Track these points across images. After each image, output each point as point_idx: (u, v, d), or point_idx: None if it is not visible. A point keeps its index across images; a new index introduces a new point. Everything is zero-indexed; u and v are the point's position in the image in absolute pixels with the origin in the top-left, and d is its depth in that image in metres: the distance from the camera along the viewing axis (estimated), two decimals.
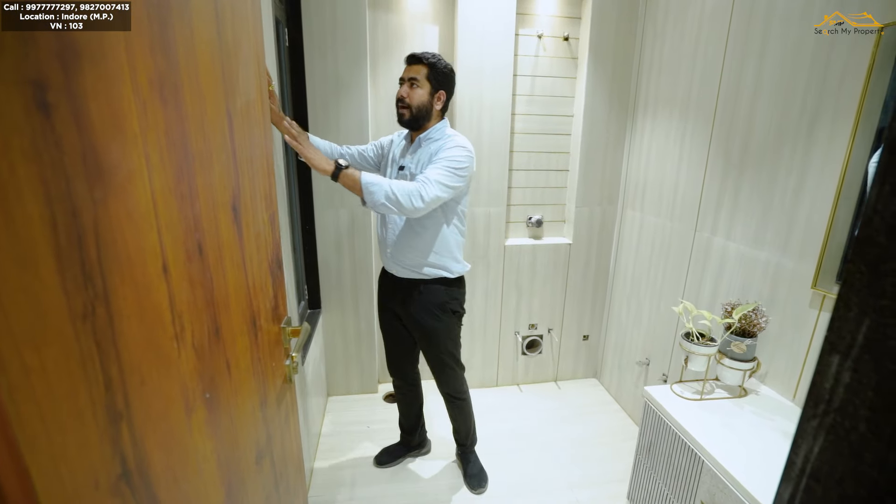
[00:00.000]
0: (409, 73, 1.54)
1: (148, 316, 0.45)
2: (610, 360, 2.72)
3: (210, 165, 0.61)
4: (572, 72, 2.45)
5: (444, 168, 1.48)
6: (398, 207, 1.42)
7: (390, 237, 1.68)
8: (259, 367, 0.82)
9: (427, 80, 1.53)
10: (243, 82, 0.76)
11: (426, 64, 1.52)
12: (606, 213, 2.59)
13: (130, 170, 0.42)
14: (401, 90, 1.55)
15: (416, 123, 1.57)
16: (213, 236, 0.62)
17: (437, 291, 1.69)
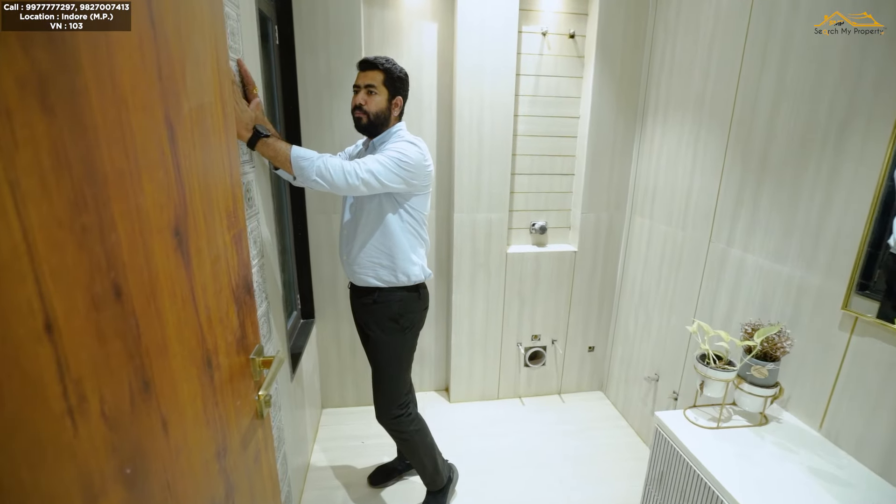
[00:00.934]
0: (364, 80, 1.47)
1: (12, 397, 0.34)
2: (616, 373, 2.60)
3: (137, 186, 0.50)
4: (578, 71, 2.32)
5: (384, 156, 1.42)
6: (330, 184, 1.35)
7: (343, 237, 1.63)
8: (216, 412, 0.71)
9: (384, 85, 1.48)
10: (193, 84, 0.65)
11: (381, 70, 1.46)
12: (614, 220, 2.46)
13: None
14: (357, 97, 1.49)
15: (373, 130, 1.52)
16: (141, 272, 0.51)
17: (390, 301, 1.59)
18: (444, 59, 2.24)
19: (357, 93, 1.49)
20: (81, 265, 0.41)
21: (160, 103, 0.55)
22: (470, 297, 2.45)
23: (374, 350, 1.66)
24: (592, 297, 2.58)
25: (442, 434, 2.32)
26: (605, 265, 2.54)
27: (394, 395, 1.65)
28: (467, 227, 2.34)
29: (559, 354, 2.65)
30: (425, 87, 2.26)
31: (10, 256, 0.34)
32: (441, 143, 2.35)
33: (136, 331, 0.50)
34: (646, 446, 2.29)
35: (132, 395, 0.49)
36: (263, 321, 1.44)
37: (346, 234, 1.61)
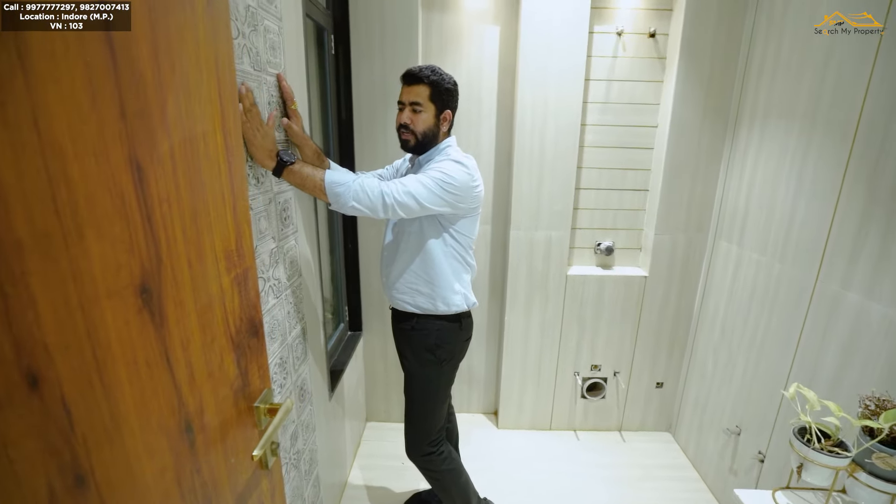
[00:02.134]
0: (409, 96, 1.34)
1: None
2: (689, 415, 2.28)
3: (75, 249, 0.42)
4: (658, 74, 2.06)
5: (427, 176, 1.29)
6: (368, 209, 1.24)
7: (384, 258, 1.53)
8: (198, 479, 0.63)
9: (430, 101, 1.34)
10: (180, 116, 0.57)
11: (427, 83, 1.32)
12: (693, 244, 2.16)
13: None
14: (402, 116, 1.36)
15: (422, 149, 1.41)
16: (76, 348, 0.43)
17: (429, 330, 1.47)
18: (505, 64, 2.09)
19: (402, 110, 1.37)
20: None
21: (122, 145, 0.48)
22: (524, 320, 2.28)
23: (408, 381, 1.56)
24: (663, 328, 2.29)
25: (487, 463, 2.18)
26: (681, 294, 2.24)
27: (425, 431, 1.54)
28: (524, 246, 2.17)
29: (621, 388, 2.39)
30: (485, 94, 2.13)
31: None
32: (500, 153, 2.20)
33: (65, 421, 0.42)
34: None
35: (53, 497, 0.41)
36: (297, 343, 1.39)
37: (387, 256, 1.51)
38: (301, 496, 1.46)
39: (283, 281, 1.27)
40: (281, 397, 1.26)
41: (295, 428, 1.39)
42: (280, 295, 1.25)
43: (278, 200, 1.23)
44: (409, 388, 1.56)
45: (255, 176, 1.10)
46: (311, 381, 1.52)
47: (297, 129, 1.25)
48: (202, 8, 0.61)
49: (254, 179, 1.08)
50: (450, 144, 1.43)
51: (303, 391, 1.45)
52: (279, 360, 1.25)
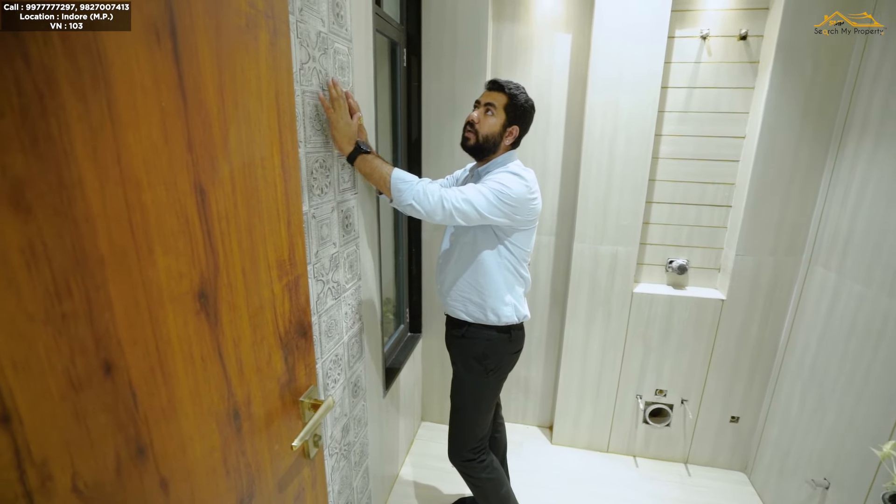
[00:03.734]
0: (486, 98, 1.39)
1: None
2: (768, 457, 2.06)
3: (146, 261, 0.52)
4: (749, 80, 1.88)
5: (485, 186, 1.32)
6: (426, 210, 1.30)
7: (439, 265, 1.58)
8: (243, 460, 0.72)
9: (504, 110, 1.37)
10: (241, 143, 0.66)
11: (507, 94, 1.37)
12: (782, 267, 1.95)
13: None
14: (473, 113, 1.41)
15: (479, 153, 1.42)
16: (143, 343, 0.52)
17: (479, 339, 1.48)
18: (576, 73, 2.04)
19: (475, 108, 1.43)
20: (57, 352, 0.43)
21: (187, 173, 0.57)
22: (584, 336, 2.21)
23: (455, 386, 1.59)
24: (742, 358, 2.09)
25: (538, 478, 2.15)
26: (765, 322, 2.02)
27: (468, 438, 1.56)
28: (588, 259, 2.10)
29: (689, 417, 2.21)
30: (553, 104, 2.10)
31: None
32: (567, 164, 2.16)
33: (130, 401, 0.51)
34: None
35: (119, 463, 0.51)
36: (354, 342, 1.49)
37: (442, 263, 1.56)
38: (349, 485, 1.56)
39: (343, 284, 1.37)
40: (335, 392, 1.36)
41: (346, 421, 1.49)
42: (338, 297, 1.35)
43: (341, 209, 1.33)
44: (455, 394, 1.60)
45: (320, 187, 1.20)
46: (365, 378, 1.62)
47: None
48: (266, 49, 0.70)
49: (318, 190, 1.19)
50: (511, 159, 1.44)
51: (357, 387, 1.55)
52: (335, 356, 1.35)
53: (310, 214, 1.14)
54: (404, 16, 1.96)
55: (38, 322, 0.41)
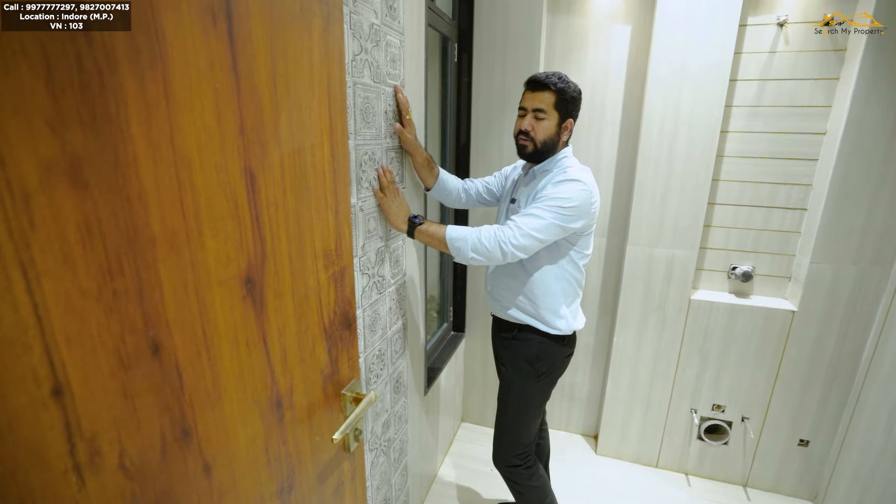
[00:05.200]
0: (533, 102, 1.29)
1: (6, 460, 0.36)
2: (844, 487, 1.86)
3: (195, 243, 0.52)
4: (833, 70, 1.71)
5: (543, 207, 1.25)
6: (488, 258, 1.25)
7: (488, 271, 1.52)
8: (283, 449, 0.72)
9: (555, 108, 1.28)
10: (291, 130, 0.65)
11: (554, 90, 1.26)
12: (866, 278, 1.75)
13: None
14: (523, 122, 1.31)
15: (539, 157, 1.35)
16: (190, 325, 0.52)
17: (531, 342, 1.42)
18: (634, 68, 1.94)
19: (523, 116, 1.32)
20: (109, 329, 0.43)
21: (238, 157, 0.56)
22: (635, 344, 2.09)
23: (503, 389, 1.54)
24: (815, 376, 1.90)
25: (581, 490, 2.06)
26: (843, 338, 1.83)
27: (515, 442, 1.51)
28: (642, 263, 1.99)
29: (750, 437, 2.04)
30: (609, 100, 2.00)
31: (13, 332, 0.36)
32: (621, 162, 2.05)
33: (177, 383, 0.52)
34: None
35: (164, 444, 0.51)
36: (397, 338, 1.48)
37: (494, 268, 1.48)
38: (388, 481, 1.55)
39: (388, 278, 1.36)
40: (377, 387, 1.36)
41: (387, 417, 1.48)
42: (383, 291, 1.34)
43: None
44: (503, 397, 1.54)
45: (368, 180, 1.19)
46: (407, 374, 1.61)
47: (409, 138, 1.33)
48: (318, 35, 0.69)
49: (366, 183, 1.18)
50: (566, 155, 1.36)
51: (398, 383, 1.54)
52: (378, 351, 1.34)
53: (357, 207, 1.14)
54: (456, 10, 1.94)
55: (91, 298, 0.41)
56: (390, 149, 1.30)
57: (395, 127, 1.29)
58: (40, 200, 0.37)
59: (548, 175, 1.33)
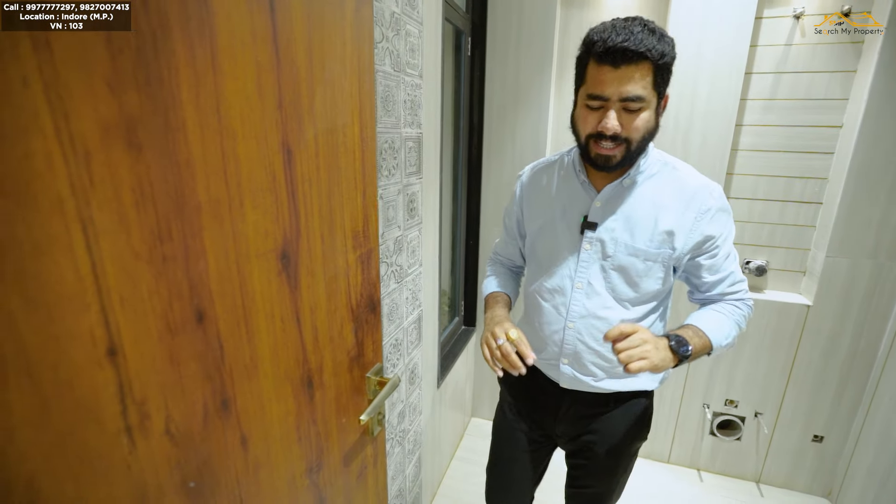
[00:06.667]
0: (620, 86, 0.80)
1: (62, 417, 0.37)
2: (859, 483, 1.85)
3: (236, 215, 0.52)
4: (850, 62, 1.70)
5: (732, 247, 0.98)
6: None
7: (572, 320, 1.01)
8: (313, 429, 0.72)
9: (653, 87, 0.81)
10: (325, 107, 0.65)
11: (652, 60, 0.78)
12: (883, 273, 1.74)
13: (39, 245, 0.34)
14: (607, 122, 0.82)
15: (629, 163, 0.91)
16: (231, 296, 0.53)
17: (640, 404, 1.09)
18: None
19: (597, 109, 0.84)
20: (158, 294, 0.44)
21: (277, 131, 0.57)
22: None
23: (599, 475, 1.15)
24: (830, 371, 1.89)
25: None
26: (859, 333, 1.82)
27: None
28: None
29: (764, 433, 2.03)
30: None
31: (73, 289, 0.36)
32: None
33: (218, 353, 0.52)
34: None
35: (206, 413, 0.51)
36: (413, 328, 1.48)
37: (575, 306, 1.01)
38: (402, 472, 1.55)
39: (405, 268, 1.36)
40: (392, 375, 1.36)
41: (403, 407, 1.48)
42: (401, 280, 1.34)
43: (407, 192, 1.32)
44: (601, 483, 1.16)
45: (388, 168, 1.20)
46: (422, 366, 1.61)
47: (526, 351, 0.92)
48: (351, 14, 0.70)
49: (386, 171, 1.19)
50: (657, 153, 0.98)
51: (413, 374, 1.54)
52: (395, 340, 1.35)
53: (377, 195, 1.14)
54: (470, 4, 1.94)
55: (142, 261, 0.42)
56: (408, 139, 1.30)
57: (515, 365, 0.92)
58: (99, 159, 0.37)
59: (647, 181, 0.94)
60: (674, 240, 0.93)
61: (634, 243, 0.94)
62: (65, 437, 0.37)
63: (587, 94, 0.84)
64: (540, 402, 1.15)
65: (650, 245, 0.93)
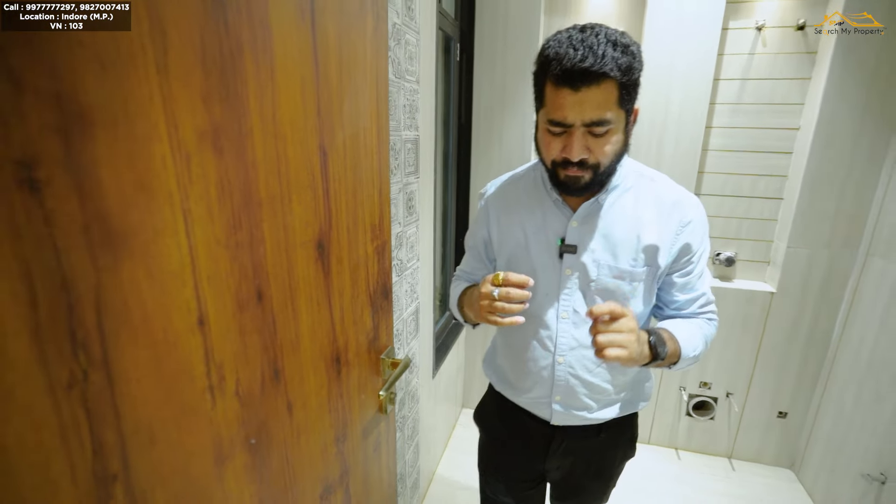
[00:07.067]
0: (583, 111, 0.72)
1: (168, 373, 0.44)
2: (818, 453, 2.02)
3: (286, 208, 0.60)
4: (805, 70, 1.87)
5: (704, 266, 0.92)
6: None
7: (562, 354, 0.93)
8: (340, 402, 0.80)
9: (619, 106, 0.74)
10: (351, 114, 0.74)
11: (616, 77, 0.70)
12: (837, 260, 1.91)
13: (157, 229, 0.41)
14: (572, 150, 0.76)
15: (599, 186, 0.85)
16: (282, 279, 0.61)
17: (630, 426, 1.08)
18: None
19: (559, 135, 0.77)
20: (232, 274, 0.51)
21: (316, 135, 0.65)
22: None
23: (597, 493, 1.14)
24: (792, 352, 2.06)
25: None
26: (817, 316, 1.99)
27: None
28: None
29: (734, 411, 2.19)
30: None
31: (177, 267, 0.44)
32: None
33: (272, 328, 0.60)
34: None
35: (263, 380, 0.59)
36: (412, 319, 1.57)
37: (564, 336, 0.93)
38: (402, 457, 1.64)
39: (404, 262, 1.45)
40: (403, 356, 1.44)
41: (402, 395, 1.56)
42: (401, 274, 1.42)
43: (406, 191, 1.41)
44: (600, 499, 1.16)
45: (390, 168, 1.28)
46: (419, 355, 1.70)
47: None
48: (371, 30, 0.78)
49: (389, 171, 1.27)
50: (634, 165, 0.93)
51: (412, 363, 1.63)
52: (396, 331, 1.43)
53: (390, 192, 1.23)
54: (458, 11, 2.03)
55: (222, 246, 0.50)
56: (407, 140, 1.38)
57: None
58: (196, 160, 0.45)
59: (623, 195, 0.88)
60: (657, 255, 0.86)
61: (618, 264, 0.87)
62: (170, 391, 0.45)
63: (547, 119, 0.77)
64: (530, 446, 1.08)
65: (635, 265, 0.87)
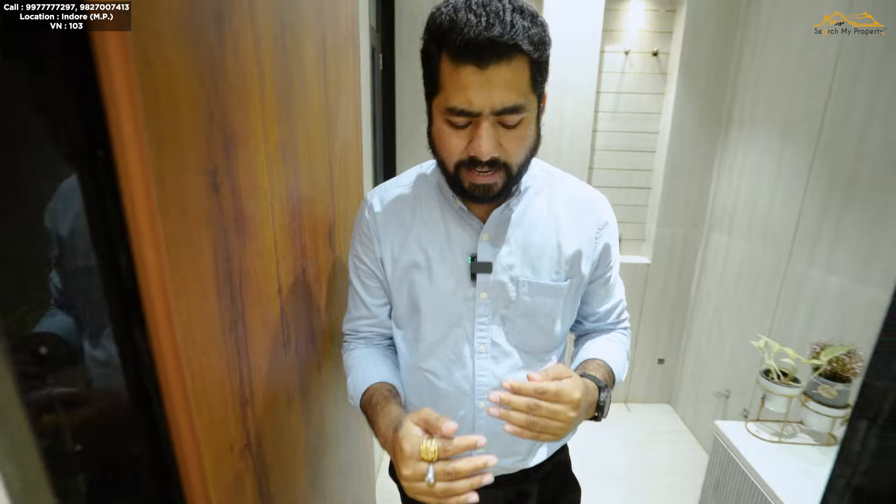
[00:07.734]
0: (492, 94, 0.58)
1: (268, 328, 0.59)
2: (686, 387, 2.59)
3: (314, 205, 0.76)
4: (660, 87, 2.38)
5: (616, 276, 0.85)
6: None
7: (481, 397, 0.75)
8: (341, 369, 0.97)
9: (531, 90, 0.63)
10: (342, 127, 0.91)
11: (527, 52, 0.59)
12: (690, 236, 2.47)
13: (260, 219, 0.57)
14: (481, 145, 0.60)
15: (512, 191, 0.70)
16: (314, 259, 0.76)
17: (563, 463, 0.97)
18: None
19: (465, 128, 0.62)
20: (292, 255, 0.67)
21: (327, 147, 0.81)
22: None
23: None
24: (664, 310, 2.60)
25: None
26: (679, 279, 2.54)
27: None
28: None
29: None
30: None
31: (269, 248, 0.59)
32: None
33: (310, 298, 0.75)
34: None
35: (306, 341, 0.74)
36: None
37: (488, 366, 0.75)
38: None
39: None
40: None
41: None
42: None
43: None
44: None
45: None
46: None
47: None
48: (352, 57, 0.95)
49: None
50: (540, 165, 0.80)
51: None
52: None
53: None
54: (379, 22, 2.21)
55: (287, 233, 0.65)
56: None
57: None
58: (275, 165, 0.60)
59: (542, 195, 0.76)
60: (580, 264, 0.75)
61: (539, 279, 0.73)
62: (267, 343, 0.60)
63: (446, 107, 0.60)
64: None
65: (558, 278, 0.74)
